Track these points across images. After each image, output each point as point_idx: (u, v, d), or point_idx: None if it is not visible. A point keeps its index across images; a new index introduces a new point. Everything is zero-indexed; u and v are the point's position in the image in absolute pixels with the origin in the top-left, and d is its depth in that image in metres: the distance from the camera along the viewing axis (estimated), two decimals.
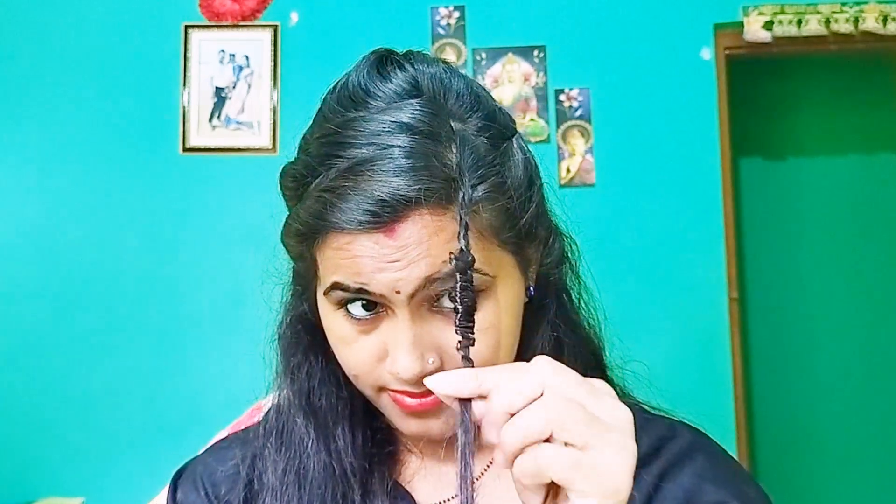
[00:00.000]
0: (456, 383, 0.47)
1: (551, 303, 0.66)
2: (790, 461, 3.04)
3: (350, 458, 0.64)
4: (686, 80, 2.42)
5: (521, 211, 0.59)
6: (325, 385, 0.65)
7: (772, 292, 3.17)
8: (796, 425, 3.12)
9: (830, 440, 3.11)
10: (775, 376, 3.13)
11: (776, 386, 3.13)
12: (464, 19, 2.46)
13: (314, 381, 0.65)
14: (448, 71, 0.60)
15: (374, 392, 0.60)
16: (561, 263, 0.67)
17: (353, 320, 0.58)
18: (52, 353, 2.37)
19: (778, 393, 3.13)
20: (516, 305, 0.60)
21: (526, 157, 0.62)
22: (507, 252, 0.58)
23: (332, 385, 0.64)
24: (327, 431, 0.65)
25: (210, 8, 2.47)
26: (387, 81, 0.58)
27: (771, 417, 3.09)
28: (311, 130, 0.61)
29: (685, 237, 2.37)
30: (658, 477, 0.62)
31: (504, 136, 0.60)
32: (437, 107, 0.57)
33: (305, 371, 0.65)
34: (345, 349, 0.59)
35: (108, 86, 2.47)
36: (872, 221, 3.18)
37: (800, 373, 3.16)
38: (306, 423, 0.65)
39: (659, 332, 2.29)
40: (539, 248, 0.64)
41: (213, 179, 2.44)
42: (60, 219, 2.43)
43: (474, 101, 0.59)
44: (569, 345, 0.66)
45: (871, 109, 3.16)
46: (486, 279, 0.56)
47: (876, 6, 2.39)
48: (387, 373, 0.58)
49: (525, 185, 0.60)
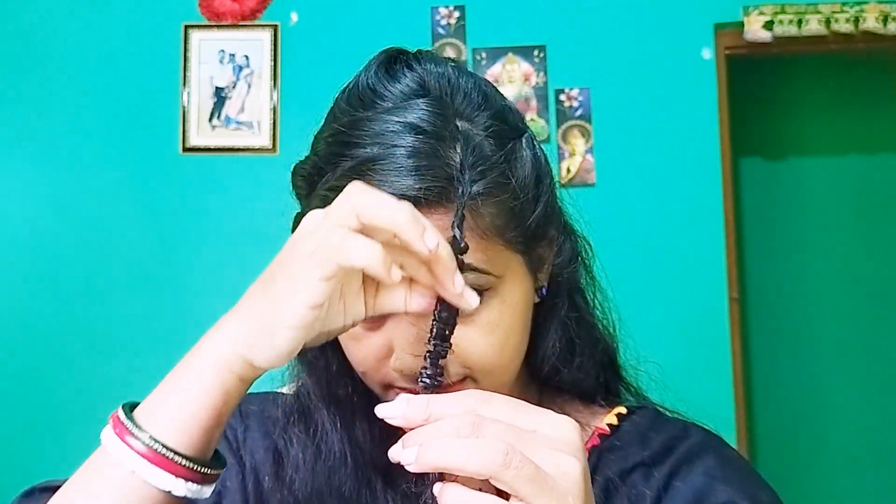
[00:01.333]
0: (406, 412, 0.45)
1: (563, 302, 0.66)
2: (790, 461, 3.04)
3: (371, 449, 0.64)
4: (686, 80, 2.42)
5: (528, 210, 0.59)
6: (344, 377, 0.65)
7: (772, 292, 3.17)
8: (796, 425, 3.12)
9: (831, 440, 3.11)
10: (775, 376, 3.13)
11: (776, 386, 3.13)
12: (464, 19, 2.46)
13: (332, 374, 0.65)
14: (457, 70, 0.60)
15: (381, 389, 0.61)
16: (573, 263, 0.66)
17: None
18: (51, 353, 2.36)
19: (778, 393, 3.13)
20: (524, 305, 0.60)
21: (535, 155, 0.61)
22: (514, 252, 0.58)
23: (349, 377, 0.64)
24: (348, 422, 0.65)
25: (210, 8, 2.47)
26: (395, 81, 0.58)
27: (771, 417, 3.09)
28: (322, 130, 0.61)
29: (685, 237, 2.37)
30: (669, 475, 0.62)
31: (512, 134, 0.60)
32: (443, 106, 0.57)
33: (324, 365, 0.65)
34: (351, 346, 0.60)
35: (108, 86, 2.47)
36: (872, 221, 3.18)
37: (800, 373, 3.16)
38: (329, 412, 0.65)
39: (659, 332, 2.29)
40: (550, 248, 0.63)
41: (213, 179, 2.43)
42: (60, 219, 2.43)
43: (482, 101, 0.59)
44: (581, 345, 0.66)
45: (872, 109, 3.16)
46: (489, 279, 0.56)
47: (876, 6, 2.39)
48: (393, 370, 0.58)
49: (533, 184, 0.60)
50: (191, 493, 0.50)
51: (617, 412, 0.69)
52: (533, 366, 0.66)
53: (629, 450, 0.65)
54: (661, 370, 0.71)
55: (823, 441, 3.11)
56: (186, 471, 0.49)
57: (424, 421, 0.44)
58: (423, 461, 0.43)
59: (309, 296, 0.46)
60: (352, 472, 0.64)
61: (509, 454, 0.41)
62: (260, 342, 0.48)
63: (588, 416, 0.69)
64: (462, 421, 0.43)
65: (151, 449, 0.49)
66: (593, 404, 0.70)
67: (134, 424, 0.50)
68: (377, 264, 0.45)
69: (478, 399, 0.45)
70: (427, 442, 0.43)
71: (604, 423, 0.68)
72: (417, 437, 0.44)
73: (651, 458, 0.63)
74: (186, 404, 0.50)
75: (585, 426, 0.67)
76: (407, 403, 0.45)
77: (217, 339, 0.50)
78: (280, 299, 0.47)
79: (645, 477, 0.62)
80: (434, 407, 0.45)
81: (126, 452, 0.49)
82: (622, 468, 0.63)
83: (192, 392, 0.50)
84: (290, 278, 0.47)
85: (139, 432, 0.49)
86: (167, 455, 0.49)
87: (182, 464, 0.49)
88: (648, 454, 0.64)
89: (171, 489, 0.49)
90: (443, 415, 0.44)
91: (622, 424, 0.68)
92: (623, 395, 0.71)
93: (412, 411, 0.45)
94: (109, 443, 0.50)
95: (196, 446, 0.50)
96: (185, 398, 0.50)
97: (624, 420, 0.68)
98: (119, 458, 0.49)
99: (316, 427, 0.65)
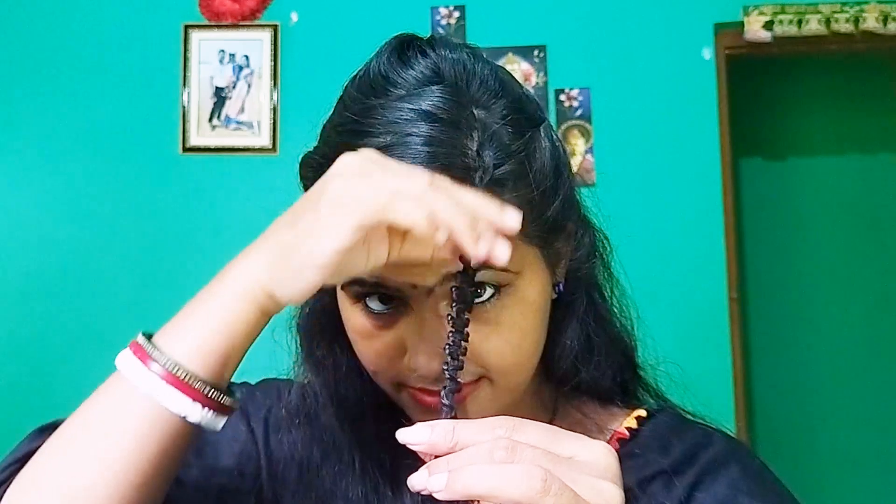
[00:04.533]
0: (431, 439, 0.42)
1: (581, 299, 0.63)
2: (790, 461, 3.04)
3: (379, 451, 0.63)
4: (686, 80, 2.42)
5: (547, 202, 0.56)
6: (352, 377, 0.63)
7: (772, 292, 3.17)
8: (796, 425, 3.12)
9: (831, 440, 3.11)
10: (775, 376, 3.13)
11: (776, 386, 3.13)
12: (464, 19, 2.46)
13: (340, 374, 0.63)
14: (472, 56, 0.58)
15: (393, 388, 0.59)
16: (591, 258, 0.64)
17: (371, 314, 0.56)
18: (51, 353, 2.37)
19: (778, 393, 3.13)
20: (542, 302, 0.58)
21: (555, 146, 0.59)
22: (532, 246, 0.56)
23: (358, 377, 0.62)
24: (356, 423, 0.63)
25: (210, 8, 2.47)
26: (408, 68, 0.55)
27: (771, 417, 3.09)
28: (331, 119, 0.59)
29: (685, 237, 2.37)
30: (691, 486, 0.59)
31: (530, 124, 0.57)
32: (458, 93, 0.54)
33: (332, 363, 0.64)
34: (363, 344, 0.58)
35: (108, 86, 2.47)
36: (872, 221, 3.18)
37: (800, 372, 3.16)
38: (335, 414, 0.64)
39: (659, 332, 2.29)
40: (568, 242, 0.61)
41: (213, 179, 2.43)
42: (60, 219, 2.43)
43: (499, 88, 0.56)
44: (599, 343, 0.63)
45: (871, 109, 3.16)
46: (506, 275, 0.54)
47: (876, 6, 2.39)
48: (405, 369, 0.56)
49: (551, 175, 0.57)
50: (204, 420, 0.50)
51: (636, 415, 0.66)
52: (549, 364, 0.63)
53: (649, 457, 0.61)
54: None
55: (823, 441, 3.11)
56: (203, 396, 0.49)
57: (451, 448, 0.42)
58: (454, 487, 0.40)
59: (339, 241, 0.45)
60: (359, 477, 0.62)
61: (548, 480, 0.39)
62: (285, 278, 0.48)
63: (606, 418, 0.66)
64: (496, 445, 0.40)
65: (170, 372, 0.49)
66: (611, 405, 0.67)
67: (154, 348, 0.50)
68: (426, 227, 0.44)
69: (509, 425, 0.42)
70: (459, 467, 0.40)
71: (623, 427, 0.65)
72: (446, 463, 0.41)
73: (672, 467, 0.60)
74: (207, 331, 0.50)
75: (603, 429, 0.65)
76: (432, 429, 0.42)
77: (244, 269, 0.50)
78: (309, 239, 0.46)
79: (666, 486, 0.59)
80: (461, 433, 0.42)
81: (144, 376, 0.49)
82: (641, 476, 0.60)
83: (213, 320, 0.50)
84: (322, 220, 0.46)
85: (159, 355, 0.49)
86: (185, 378, 0.49)
87: (199, 388, 0.49)
88: (669, 462, 0.60)
89: (186, 414, 0.49)
90: (471, 442, 0.41)
91: (642, 429, 0.65)
92: (642, 395, 0.68)
93: (438, 437, 0.42)
94: (126, 367, 0.50)
95: (212, 374, 0.50)
96: (206, 325, 0.50)
97: (644, 424, 0.65)
98: (136, 381, 0.49)
99: (323, 429, 0.64)
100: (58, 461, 0.51)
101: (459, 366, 0.49)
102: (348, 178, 0.47)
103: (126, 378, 0.50)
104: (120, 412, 0.50)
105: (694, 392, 0.69)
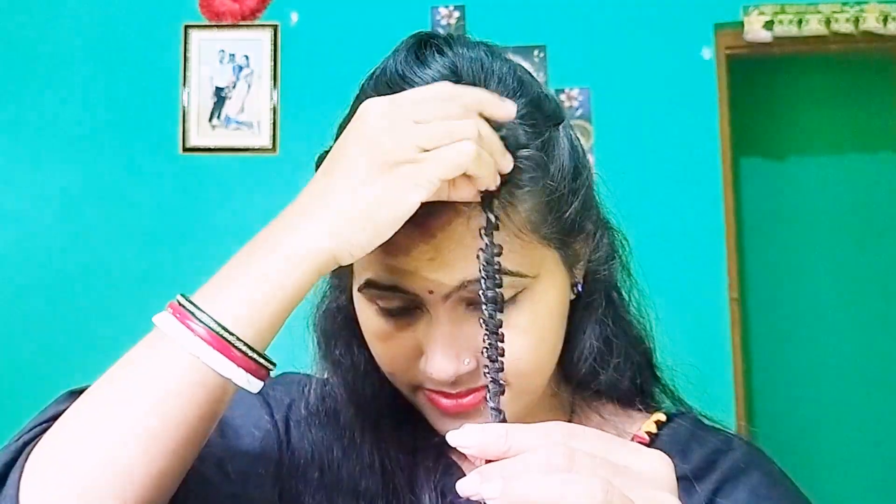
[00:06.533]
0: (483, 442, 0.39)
1: (599, 301, 0.63)
2: (791, 461, 3.02)
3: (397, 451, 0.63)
4: (686, 79, 2.42)
5: (565, 203, 0.56)
6: (370, 377, 0.62)
7: (772, 292, 3.17)
8: (797, 425, 3.12)
9: (831, 440, 3.11)
10: (775, 376, 3.13)
11: (776, 386, 3.13)
12: (464, 19, 2.46)
13: (359, 373, 0.63)
14: (490, 54, 0.57)
15: (409, 390, 0.59)
16: (610, 259, 0.64)
17: (388, 317, 0.56)
18: (51, 353, 2.36)
19: (778, 393, 3.13)
20: (560, 304, 0.58)
21: (573, 145, 0.59)
22: (550, 248, 0.55)
23: (376, 377, 0.62)
24: (374, 423, 0.63)
25: (210, 8, 2.47)
26: (425, 67, 0.55)
27: (771, 417, 3.09)
28: (347, 118, 0.58)
29: (685, 237, 2.37)
30: (712, 492, 0.59)
31: (549, 123, 0.57)
32: None
33: (350, 362, 0.63)
34: (379, 346, 0.58)
35: (108, 85, 2.47)
36: (872, 221, 3.18)
37: (800, 373, 3.16)
38: (354, 414, 0.63)
39: (659, 332, 2.29)
40: (587, 243, 0.60)
41: (213, 179, 2.43)
42: (60, 218, 2.43)
43: (517, 86, 0.56)
44: (618, 345, 0.63)
45: (871, 109, 3.16)
46: (524, 280, 0.53)
47: (876, 6, 2.39)
48: (421, 372, 0.56)
49: (570, 175, 0.57)
50: (243, 383, 0.49)
51: (656, 419, 0.65)
52: (567, 366, 0.62)
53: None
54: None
55: (823, 441, 3.11)
56: (246, 360, 0.49)
57: (503, 453, 0.39)
58: (511, 495, 0.37)
59: (403, 212, 0.47)
60: (378, 477, 0.62)
61: (609, 492, 0.36)
62: (353, 239, 0.48)
63: (625, 421, 0.65)
64: (554, 452, 0.38)
65: (217, 335, 0.48)
66: (630, 408, 0.66)
67: (199, 310, 0.49)
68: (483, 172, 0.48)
69: (564, 431, 0.40)
70: (516, 475, 0.38)
71: (642, 431, 0.64)
72: (500, 469, 0.38)
73: (693, 472, 0.60)
74: (259, 294, 0.49)
75: (622, 432, 0.64)
76: (482, 432, 0.39)
77: (301, 238, 0.49)
78: (375, 203, 0.48)
79: (687, 492, 0.58)
80: (515, 438, 0.39)
81: (189, 337, 0.49)
82: None
83: (267, 284, 0.49)
84: (387, 187, 0.48)
85: (205, 317, 0.49)
86: (232, 341, 0.48)
87: (245, 351, 0.49)
88: (690, 468, 0.60)
89: (231, 376, 0.49)
90: (525, 447, 0.39)
91: (661, 433, 0.64)
92: (660, 398, 0.68)
93: (489, 440, 0.39)
94: (169, 326, 0.50)
95: (260, 338, 0.49)
96: (258, 289, 0.49)
97: (663, 428, 0.64)
98: (182, 342, 0.49)
99: (343, 429, 0.63)
100: (88, 421, 0.49)
101: (500, 367, 0.48)
102: (392, 124, 0.49)
103: (171, 338, 0.49)
104: (159, 372, 0.49)
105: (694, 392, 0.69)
